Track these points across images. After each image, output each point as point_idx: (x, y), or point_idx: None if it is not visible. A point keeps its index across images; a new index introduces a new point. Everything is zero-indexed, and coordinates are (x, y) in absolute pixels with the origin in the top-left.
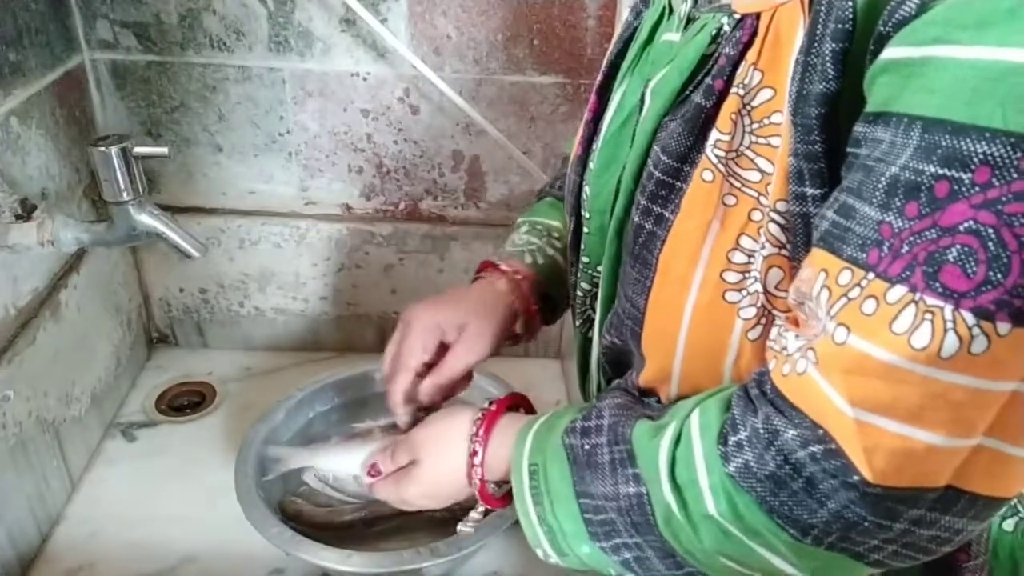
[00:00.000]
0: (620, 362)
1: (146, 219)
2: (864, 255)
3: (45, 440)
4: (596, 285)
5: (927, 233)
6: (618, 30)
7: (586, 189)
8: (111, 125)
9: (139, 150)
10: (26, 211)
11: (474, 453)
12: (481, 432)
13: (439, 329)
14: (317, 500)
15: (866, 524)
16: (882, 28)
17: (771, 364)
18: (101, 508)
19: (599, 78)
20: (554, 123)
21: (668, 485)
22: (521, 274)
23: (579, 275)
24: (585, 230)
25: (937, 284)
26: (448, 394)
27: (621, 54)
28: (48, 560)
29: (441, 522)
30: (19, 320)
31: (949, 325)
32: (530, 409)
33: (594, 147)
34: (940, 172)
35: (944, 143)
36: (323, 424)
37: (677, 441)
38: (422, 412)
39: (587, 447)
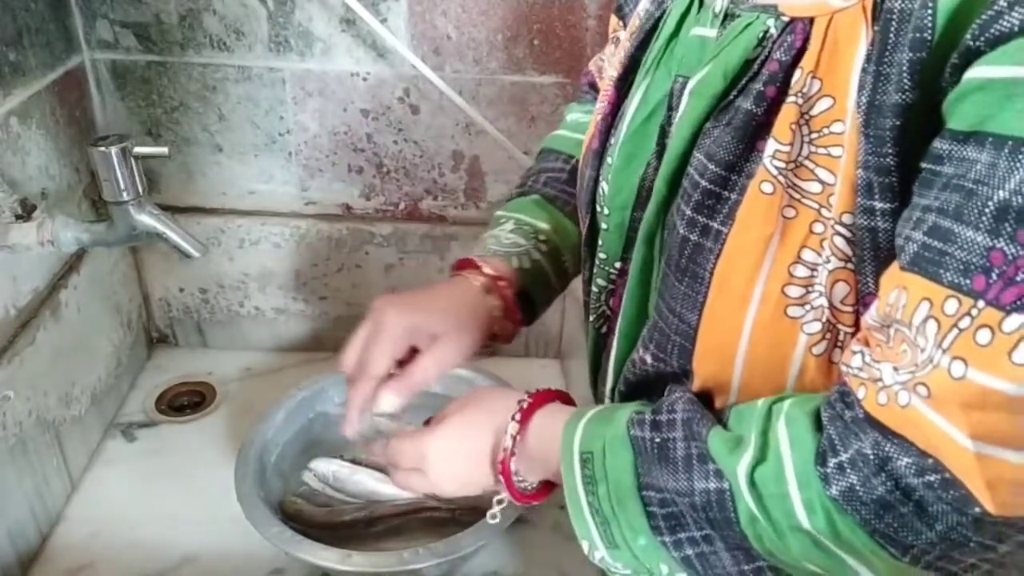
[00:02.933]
0: (647, 381)
1: (146, 219)
2: (968, 281)
3: (45, 440)
4: (612, 282)
5: None
6: (635, 22)
7: (603, 185)
8: (111, 125)
9: (139, 150)
10: (26, 211)
11: (515, 416)
12: (524, 409)
13: (412, 335)
14: (317, 500)
15: (971, 545)
16: (972, 43)
17: (860, 392)
18: (101, 508)
19: (617, 71)
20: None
21: (749, 495)
22: (505, 280)
23: (595, 271)
24: (603, 227)
25: None
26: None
27: (642, 47)
28: (48, 560)
29: (441, 522)
30: (19, 320)
31: None
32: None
33: (611, 142)
34: None
35: None
36: (323, 424)
37: (761, 457)
38: (379, 417)
39: (658, 440)
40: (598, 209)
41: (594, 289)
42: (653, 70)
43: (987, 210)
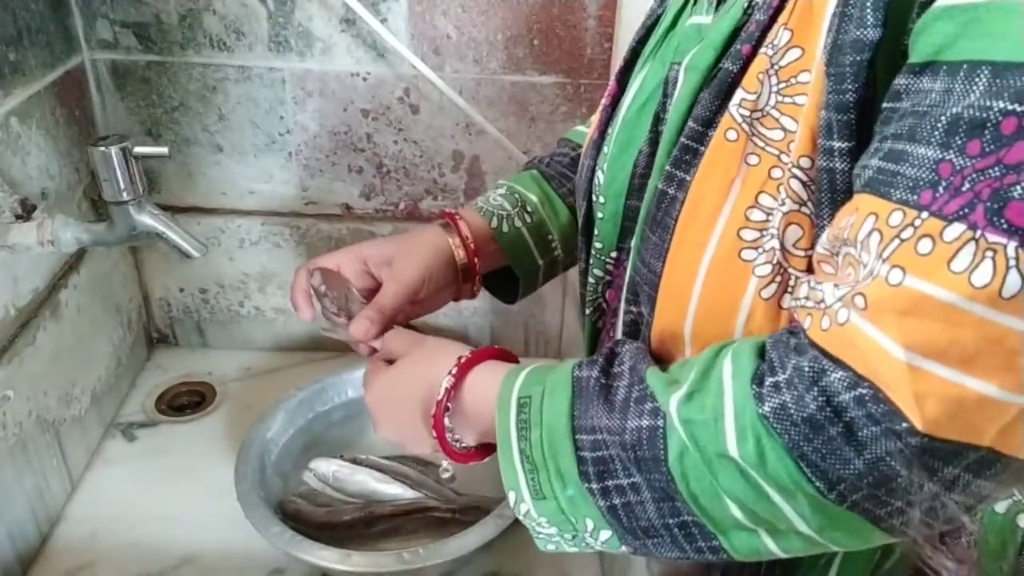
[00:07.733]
0: (636, 335)
1: (146, 219)
2: (915, 197)
3: (45, 440)
4: (609, 272)
5: (991, 171)
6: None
7: (599, 175)
8: (111, 125)
9: (139, 150)
10: (26, 211)
11: (451, 371)
12: (466, 357)
13: (364, 262)
14: (317, 500)
15: (900, 480)
16: None
17: (806, 323)
18: (101, 508)
19: (620, 64)
20: (554, 123)
21: (680, 423)
22: (474, 237)
23: (591, 262)
24: (599, 215)
25: (1002, 221)
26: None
27: (643, 41)
28: (48, 560)
29: (441, 522)
30: (19, 320)
31: (1012, 263)
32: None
33: (610, 131)
34: (1009, 108)
35: (1018, 83)
36: (323, 424)
37: (698, 388)
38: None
39: (604, 382)
40: (594, 198)
41: (590, 280)
42: (650, 61)
43: (939, 125)
